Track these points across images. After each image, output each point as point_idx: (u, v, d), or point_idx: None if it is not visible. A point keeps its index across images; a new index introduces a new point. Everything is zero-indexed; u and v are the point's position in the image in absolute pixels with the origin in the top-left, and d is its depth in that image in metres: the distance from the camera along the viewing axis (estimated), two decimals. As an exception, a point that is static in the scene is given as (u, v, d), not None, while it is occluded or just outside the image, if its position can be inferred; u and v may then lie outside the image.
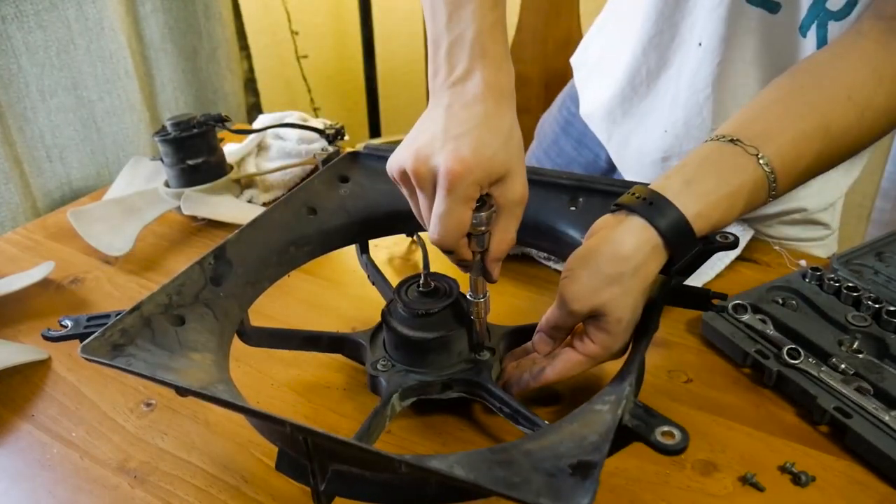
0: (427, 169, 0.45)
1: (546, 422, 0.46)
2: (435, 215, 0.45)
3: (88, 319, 0.49)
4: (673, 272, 0.48)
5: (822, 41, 0.61)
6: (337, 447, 0.39)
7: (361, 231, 0.65)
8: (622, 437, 0.37)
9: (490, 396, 0.51)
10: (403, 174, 0.47)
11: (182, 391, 0.42)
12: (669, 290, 0.50)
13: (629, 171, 0.82)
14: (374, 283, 0.66)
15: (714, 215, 0.47)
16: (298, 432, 0.38)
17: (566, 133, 0.90)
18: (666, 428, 0.36)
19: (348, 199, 0.65)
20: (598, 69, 0.84)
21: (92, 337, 0.45)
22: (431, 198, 0.46)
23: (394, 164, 0.48)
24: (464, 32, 0.47)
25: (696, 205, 0.47)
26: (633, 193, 0.48)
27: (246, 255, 0.57)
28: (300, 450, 0.40)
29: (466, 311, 0.53)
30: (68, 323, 0.49)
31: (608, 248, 0.46)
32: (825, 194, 0.76)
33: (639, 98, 0.76)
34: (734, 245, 0.48)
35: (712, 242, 0.48)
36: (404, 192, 0.50)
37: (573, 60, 0.91)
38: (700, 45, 0.67)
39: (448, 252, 0.48)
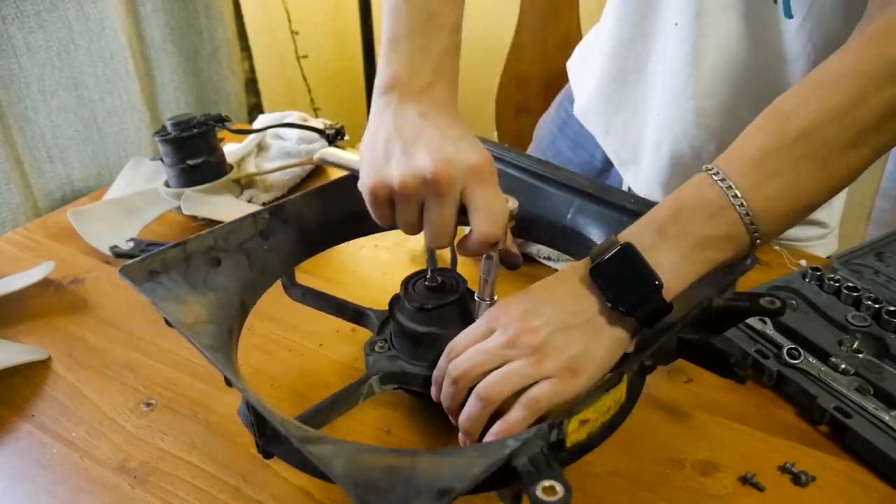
0: (454, 169, 0.44)
1: None
2: (488, 200, 0.45)
3: (147, 244, 0.55)
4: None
5: (786, 8, 0.60)
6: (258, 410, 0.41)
7: None
8: (508, 477, 0.36)
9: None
10: (422, 182, 0.44)
11: (169, 324, 0.47)
12: (692, 349, 0.48)
13: (625, 164, 0.82)
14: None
15: (685, 282, 0.44)
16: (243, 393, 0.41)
17: (563, 133, 0.90)
18: (549, 483, 0.34)
19: None
20: (590, 65, 0.84)
21: (133, 261, 0.50)
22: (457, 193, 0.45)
23: (408, 174, 0.45)
24: (429, 48, 0.50)
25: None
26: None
27: (304, 216, 0.60)
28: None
29: (471, 312, 0.53)
30: (131, 243, 0.55)
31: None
32: None
33: (630, 87, 0.77)
34: (780, 312, 0.46)
35: (758, 306, 0.46)
36: (408, 204, 0.46)
37: (569, 64, 0.91)
38: (676, 24, 0.67)
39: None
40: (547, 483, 0.34)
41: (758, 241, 0.44)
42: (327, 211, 0.61)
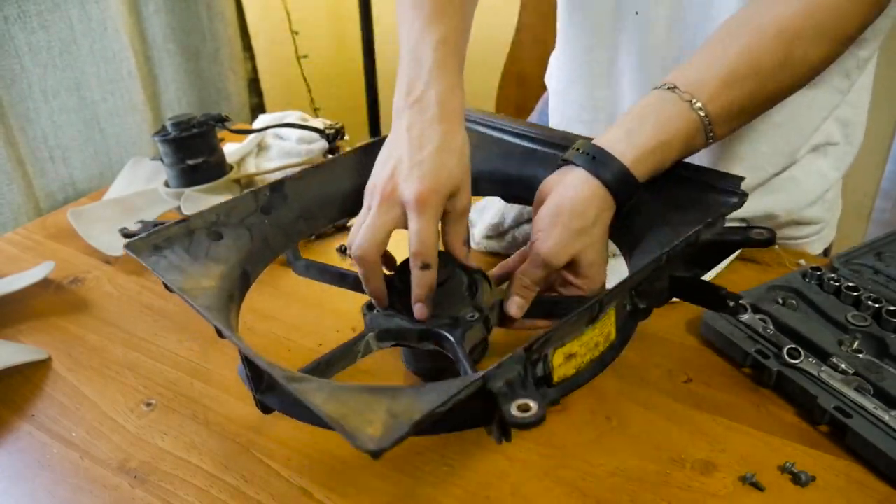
0: (396, 195, 0.51)
1: None
2: (414, 232, 0.51)
3: (154, 224, 0.56)
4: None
5: None
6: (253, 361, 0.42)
7: None
8: (488, 405, 0.37)
9: (454, 357, 0.51)
10: (374, 198, 0.53)
11: (169, 288, 0.49)
12: (685, 286, 0.50)
13: None
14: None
15: (650, 160, 0.52)
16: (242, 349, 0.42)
17: None
18: (523, 401, 0.35)
19: None
20: (558, 77, 0.83)
21: (139, 237, 0.52)
22: (386, 215, 0.51)
23: (368, 187, 0.54)
24: (423, 59, 0.55)
25: (633, 152, 0.52)
26: (577, 148, 0.54)
27: (306, 191, 0.61)
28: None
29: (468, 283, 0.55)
30: (139, 225, 0.56)
31: (569, 206, 0.52)
32: (797, 195, 0.73)
33: (600, 92, 0.77)
34: (769, 242, 0.49)
35: (747, 238, 0.49)
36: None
37: (546, 79, 0.91)
38: (636, 13, 0.68)
39: (426, 267, 0.51)
40: (521, 401, 0.35)
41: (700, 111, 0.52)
42: (327, 188, 0.63)
